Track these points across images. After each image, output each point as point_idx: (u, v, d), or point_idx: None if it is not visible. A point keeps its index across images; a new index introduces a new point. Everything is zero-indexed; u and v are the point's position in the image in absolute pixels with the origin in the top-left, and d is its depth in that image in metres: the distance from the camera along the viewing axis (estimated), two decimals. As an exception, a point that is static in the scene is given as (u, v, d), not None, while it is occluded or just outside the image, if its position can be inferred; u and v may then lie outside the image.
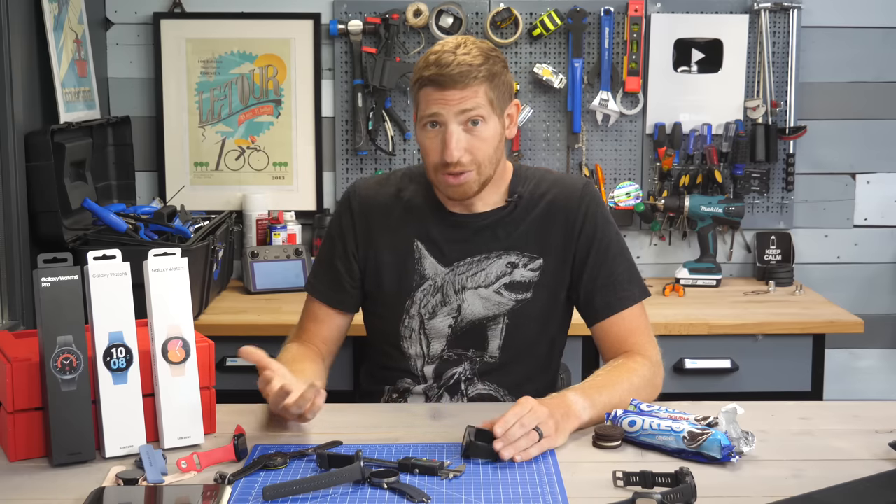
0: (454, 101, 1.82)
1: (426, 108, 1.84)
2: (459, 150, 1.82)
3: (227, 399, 1.83)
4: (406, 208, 1.98)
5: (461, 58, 1.81)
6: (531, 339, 1.97)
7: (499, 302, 1.94)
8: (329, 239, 2.03)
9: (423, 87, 1.84)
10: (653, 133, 3.23)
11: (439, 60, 1.81)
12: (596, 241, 1.93)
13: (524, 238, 1.94)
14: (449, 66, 1.80)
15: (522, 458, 1.55)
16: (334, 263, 1.99)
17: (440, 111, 1.82)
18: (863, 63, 3.26)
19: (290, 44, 3.22)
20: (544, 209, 1.95)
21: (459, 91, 1.81)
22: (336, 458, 1.53)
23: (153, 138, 3.24)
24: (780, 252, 3.26)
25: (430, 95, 1.83)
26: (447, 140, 1.82)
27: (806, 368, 2.80)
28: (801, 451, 1.63)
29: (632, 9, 3.15)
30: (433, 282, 1.95)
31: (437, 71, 1.81)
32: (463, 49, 1.83)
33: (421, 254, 1.95)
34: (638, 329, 1.92)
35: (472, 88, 1.82)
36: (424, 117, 1.85)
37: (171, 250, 1.64)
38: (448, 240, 1.95)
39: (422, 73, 1.84)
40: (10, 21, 2.46)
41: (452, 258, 1.95)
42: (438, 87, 1.82)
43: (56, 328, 1.54)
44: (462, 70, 1.80)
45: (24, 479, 1.52)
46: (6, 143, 2.43)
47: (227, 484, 1.45)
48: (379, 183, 2.02)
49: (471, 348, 1.96)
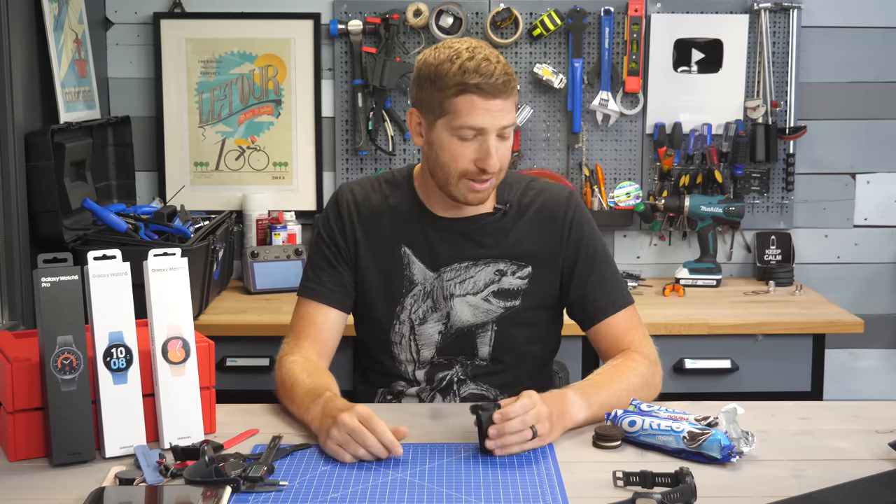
0: (499, 113, 1.78)
1: (469, 118, 1.78)
2: (497, 161, 1.81)
3: (227, 399, 1.83)
4: (393, 214, 1.96)
5: (500, 66, 1.78)
6: (520, 344, 1.97)
7: (487, 309, 1.94)
8: (320, 242, 1.99)
9: (464, 94, 1.77)
10: (653, 133, 3.23)
11: (481, 68, 1.76)
12: (583, 248, 1.95)
13: (513, 246, 1.94)
14: (493, 75, 1.76)
15: (502, 453, 1.57)
16: (330, 264, 1.97)
17: (486, 125, 1.78)
18: (863, 63, 3.26)
19: (290, 44, 3.22)
20: (532, 218, 1.95)
21: (503, 101, 1.78)
22: (190, 451, 1.54)
23: (153, 138, 3.24)
24: (780, 252, 3.26)
25: (475, 104, 1.77)
26: (488, 150, 1.79)
27: (806, 368, 2.80)
28: (801, 451, 1.63)
29: (632, 9, 3.15)
30: (423, 287, 1.95)
31: (483, 80, 1.76)
32: (495, 56, 1.79)
33: (409, 259, 1.95)
34: (632, 328, 1.94)
35: (512, 99, 1.81)
36: (465, 127, 1.79)
37: (171, 250, 1.64)
38: (435, 243, 1.94)
39: (462, 79, 1.76)
40: (10, 21, 2.46)
41: (439, 263, 1.94)
42: (485, 95, 1.77)
43: (56, 328, 1.54)
44: (506, 80, 1.78)
45: (24, 479, 1.52)
46: (6, 143, 2.43)
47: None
48: (365, 188, 2.00)
49: (461, 354, 1.97)
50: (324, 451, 1.60)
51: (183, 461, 1.53)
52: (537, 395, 1.63)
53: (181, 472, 1.48)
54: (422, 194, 1.96)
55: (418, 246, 1.95)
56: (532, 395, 1.62)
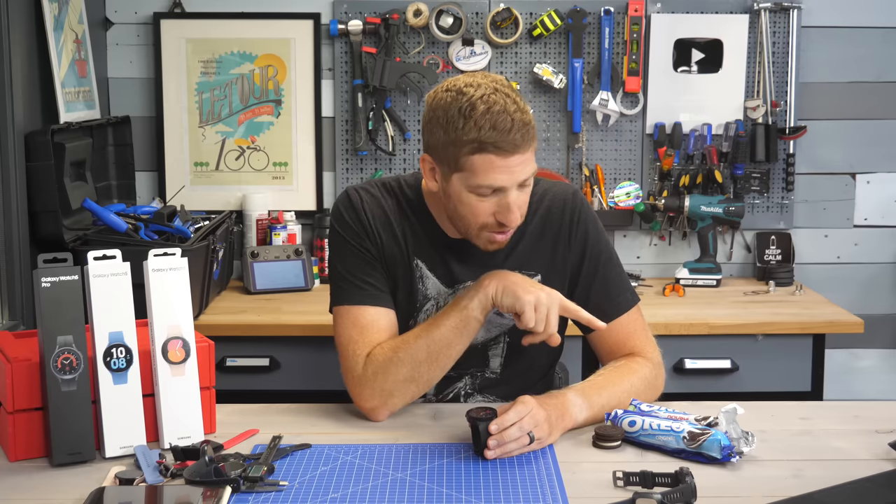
0: (518, 170, 1.69)
1: (487, 178, 1.68)
2: (519, 214, 1.74)
3: (227, 399, 1.83)
4: (405, 223, 1.88)
5: (517, 117, 1.67)
6: (532, 353, 1.93)
7: (500, 323, 1.91)
8: (348, 247, 1.85)
9: (482, 153, 1.67)
10: (653, 133, 3.23)
11: (498, 124, 1.65)
12: (588, 248, 1.92)
13: (522, 257, 1.90)
14: (510, 131, 1.65)
15: (502, 456, 1.57)
16: (372, 265, 1.84)
17: (505, 182, 1.69)
18: (863, 63, 3.26)
19: (290, 44, 3.22)
20: (538, 224, 1.91)
21: (521, 155, 1.68)
22: (190, 451, 1.55)
23: (153, 138, 3.24)
24: (780, 252, 3.26)
25: (494, 163, 1.67)
26: (509, 207, 1.71)
27: (806, 368, 2.80)
28: (801, 451, 1.63)
29: (632, 9, 3.15)
30: (436, 302, 1.89)
31: (501, 137, 1.65)
32: (511, 103, 1.68)
33: (422, 272, 1.88)
34: (636, 332, 1.91)
35: (531, 150, 1.71)
36: (483, 186, 1.69)
37: (171, 250, 1.64)
38: (447, 261, 1.88)
39: (479, 136, 1.66)
40: (10, 21, 2.46)
41: (454, 280, 1.89)
42: (504, 154, 1.66)
43: (56, 328, 1.54)
44: (523, 133, 1.67)
45: (24, 479, 1.52)
46: (6, 143, 2.43)
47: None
48: (374, 192, 1.90)
49: (471, 367, 1.93)
50: (323, 452, 1.60)
51: (183, 461, 1.53)
52: (532, 399, 1.62)
53: (181, 472, 1.48)
54: (434, 212, 1.88)
55: (431, 261, 1.88)
56: (527, 400, 1.61)
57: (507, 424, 1.56)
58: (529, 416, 1.59)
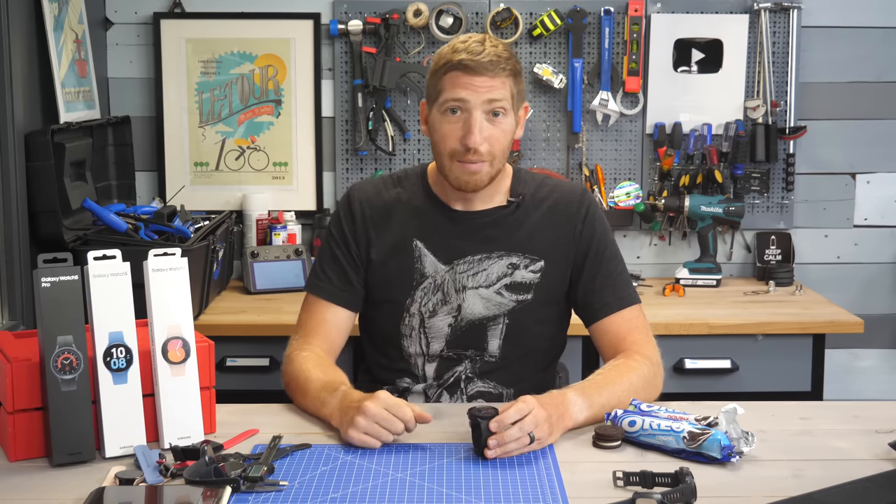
0: (483, 89, 1.83)
1: (452, 91, 1.84)
2: (481, 138, 1.84)
3: (227, 399, 1.83)
4: (406, 208, 1.99)
5: (491, 48, 1.84)
6: (531, 338, 1.98)
7: (499, 302, 1.95)
8: (330, 240, 2.02)
9: (451, 71, 1.84)
10: (653, 133, 3.23)
11: (469, 48, 1.83)
12: (594, 244, 1.97)
13: (526, 240, 1.96)
14: (480, 53, 1.82)
15: (502, 456, 1.58)
16: (340, 262, 1.99)
17: (467, 97, 1.83)
18: (863, 63, 3.26)
19: (290, 44, 3.22)
20: (546, 213, 1.98)
21: (489, 79, 1.83)
22: (190, 451, 1.55)
23: (153, 138, 3.24)
24: (780, 252, 3.26)
25: (459, 79, 1.83)
26: (471, 126, 1.84)
27: (806, 368, 2.80)
28: (801, 451, 1.63)
29: (632, 9, 3.15)
30: (433, 280, 1.96)
31: (469, 57, 1.82)
32: (490, 42, 1.86)
33: (420, 252, 1.96)
34: (636, 328, 1.94)
35: (500, 79, 1.84)
36: (448, 101, 1.85)
37: (171, 250, 1.64)
38: (448, 237, 1.96)
39: (450, 57, 1.84)
40: (10, 21, 2.46)
41: (452, 256, 1.96)
42: (468, 72, 1.82)
43: (56, 328, 1.54)
44: (493, 59, 1.83)
45: (24, 479, 1.52)
46: (6, 143, 2.43)
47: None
48: (377, 186, 2.03)
49: (470, 348, 1.97)
50: (323, 452, 1.60)
51: (183, 461, 1.53)
52: (533, 399, 1.63)
53: (181, 472, 1.48)
54: (436, 188, 1.99)
55: (432, 238, 1.97)
56: (528, 399, 1.62)
57: (507, 422, 1.57)
58: (530, 416, 1.59)
